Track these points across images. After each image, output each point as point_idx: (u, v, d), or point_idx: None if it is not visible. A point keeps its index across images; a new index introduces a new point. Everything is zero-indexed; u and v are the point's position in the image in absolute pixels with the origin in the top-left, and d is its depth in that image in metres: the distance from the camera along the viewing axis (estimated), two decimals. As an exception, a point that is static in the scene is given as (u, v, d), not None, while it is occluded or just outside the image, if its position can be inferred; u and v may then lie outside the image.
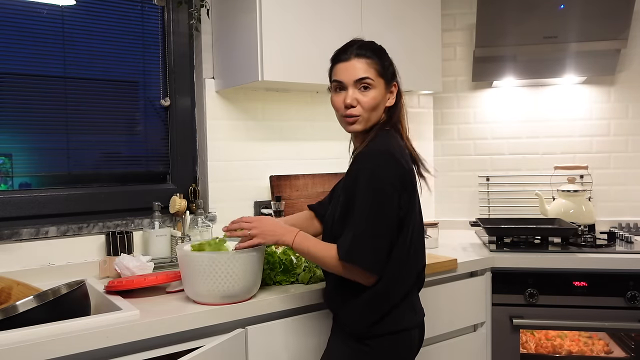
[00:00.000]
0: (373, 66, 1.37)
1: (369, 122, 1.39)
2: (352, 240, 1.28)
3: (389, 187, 1.28)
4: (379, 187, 1.28)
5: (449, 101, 2.77)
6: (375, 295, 1.33)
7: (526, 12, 2.41)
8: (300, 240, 1.37)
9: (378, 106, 1.38)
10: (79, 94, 1.96)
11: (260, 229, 1.39)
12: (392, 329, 1.35)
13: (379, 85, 1.37)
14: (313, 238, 1.39)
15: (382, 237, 1.29)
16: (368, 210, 1.28)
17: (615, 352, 2.15)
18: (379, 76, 1.37)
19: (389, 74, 1.40)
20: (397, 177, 1.30)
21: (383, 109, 1.41)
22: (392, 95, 1.42)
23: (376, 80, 1.36)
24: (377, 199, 1.28)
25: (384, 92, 1.39)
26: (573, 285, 2.01)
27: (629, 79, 2.57)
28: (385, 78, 1.39)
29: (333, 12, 2.06)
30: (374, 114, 1.39)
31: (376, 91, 1.37)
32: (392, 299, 1.34)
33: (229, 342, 1.40)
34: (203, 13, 2.13)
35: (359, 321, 1.35)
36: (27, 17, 1.85)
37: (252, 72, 1.92)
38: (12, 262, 1.74)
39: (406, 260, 1.35)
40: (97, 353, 1.25)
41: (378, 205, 1.28)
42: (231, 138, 2.20)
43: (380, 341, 1.35)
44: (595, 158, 2.61)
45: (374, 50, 1.39)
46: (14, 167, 1.87)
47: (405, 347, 1.38)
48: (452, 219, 2.74)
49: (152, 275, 1.58)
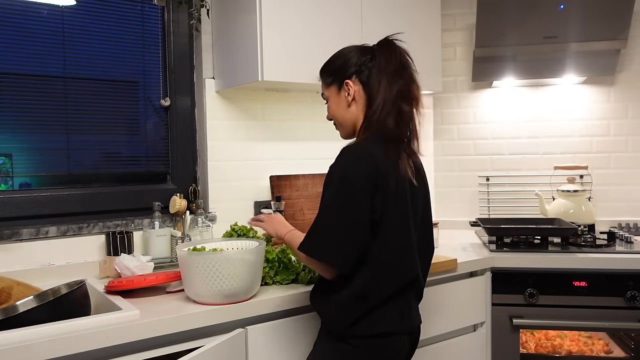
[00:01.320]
0: (323, 81, 1.48)
1: (344, 127, 1.46)
2: (311, 232, 1.32)
3: (357, 185, 1.28)
4: (346, 184, 1.28)
5: (449, 101, 2.77)
6: (351, 294, 1.32)
7: (526, 12, 2.41)
8: (291, 235, 1.44)
9: (337, 112, 1.45)
10: (79, 94, 1.96)
11: (268, 223, 1.52)
12: (371, 331, 1.33)
13: (331, 94, 1.46)
14: (300, 234, 1.41)
15: (344, 232, 1.28)
16: (331, 205, 1.31)
17: (615, 352, 2.15)
18: (328, 87, 1.46)
19: (337, 74, 1.42)
20: (367, 177, 1.28)
21: (346, 110, 1.42)
22: (351, 91, 1.39)
23: (327, 91, 1.47)
24: (342, 195, 1.29)
25: (337, 96, 1.44)
26: (573, 285, 2.02)
27: (629, 79, 2.57)
28: (334, 82, 1.43)
29: (333, 12, 2.06)
30: (340, 119, 1.45)
31: (331, 100, 1.46)
32: (371, 300, 1.32)
33: (229, 342, 1.40)
34: (203, 13, 2.13)
35: (338, 320, 1.35)
36: (27, 17, 1.85)
37: (252, 72, 1.92)
38: (12, 262, 1.74)
39: (388, 263, 1.32)
40: (97, 353, 1.25)
41: (343, 201, 1.29)
42: (231, 138, 2.20)
43: (361, 342, 1.33)
44: (595, 158, 2.61)
45: (323, 67, 1.48)
46: (14, 167, 1.87)
47: (391, 352, 1.35)
48: (452, 219, 2.74)
49: (152, 275, 1.58)
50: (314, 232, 1.33)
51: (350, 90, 1.40)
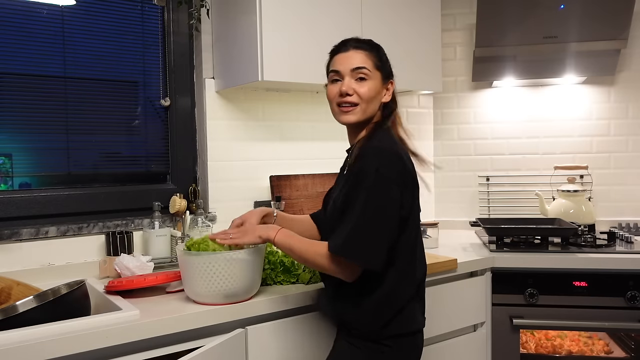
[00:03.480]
0: (371, 58, 1.39)
1: (365, 114, 1.39)
2: (349, 233, 1.27)
3: (392, 183, 1.28)
4: (382, 181, 1.28)
5: (449, 101, 2.77)
6: (384, 295, 1.32)
7: (526, 12, 2.41)
8: (283, 236, 1.37)
9: (374, 98, 1.39)
10: (79, 94, 1.96)
11: (241, 232, 1.42)
12: (407, 329, 1.36)
13: (375, 78, 1.39)
14: (297, 235, 1.38)
15: (380, 233, 1.28)
16: (368, 204, 1.27)
17: (615, 352, 2.15)
18: (375, 69, 1.39)
19: (386, 69, 1.42)
20: (400, 175, 1.30)
21: (379, 104, 1.42)
22: (389, 92, 1.43)
23: (373, 72, 1.38)
24: (379, 193, 1.27)
25: (380, 86, 1.41)
26: (573, 285, 2.01)
27: (629, 79, 2.57)
28: (382, 72, 1.41)
29: (333, 12, 2.06)
30: (370, 106, 1.39)
31: (373, 82, 1.38)
32: (403, 296, 1.34)
33: (229, 342, 1.40)
34: (203, 13, 2.13)
35: (372, 322, 1.34)
36: (27, 17, 1.85)
37: (252, 72, 1.92)
38: (12, 262, 1.74)
39: (411, 260, 1.36)
40: (97, 353, 1.25)
41: (379, 199, 1.27)
42: (231, 138, 2.20)
43: (395, 341, 1.34)
44: (595, 158, 2.61)
45: (372, 45, 1.42)
46: (14, 167, 1.87)
47: (419, 347, 1.41)
48: (452, 219, 2.74)
49: (152, 275, 1.58)
50: (347, 232, 1.27)
51: (389, 90, 1.43)
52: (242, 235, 1.41)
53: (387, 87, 1.43)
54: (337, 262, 1.29)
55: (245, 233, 1.41)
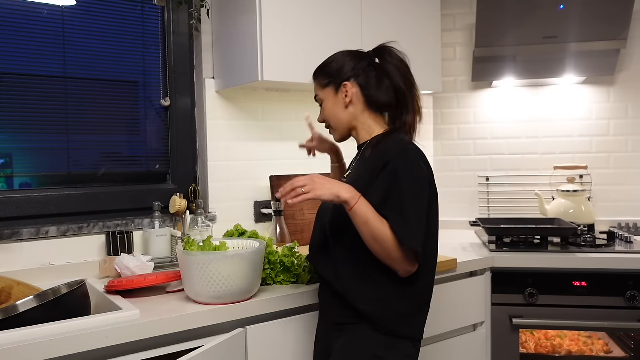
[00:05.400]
0: (317, 82, 1.48)
1: (339, 129, 1.47)
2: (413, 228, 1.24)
3: (428, 179, 1.33)
4: (421, 178, 1.30)
5: (449, 101, 2.77)
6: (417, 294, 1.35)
7: (526, 12, 2.41)
8: (364, 204, 1.25)
9: (332, 114, 1.45)
10: (79, 94, 1.96)
11: (318, 184, 1.27)
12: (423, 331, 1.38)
13: (325, 96, 1.46)
14: (372, 207, 1.27)
15: (423, 228, 1.28)
16: (416, 200, 1.27)
17: (615, 352, 2.16)
18: (322, 88, 1.46)
19: (335, 76, 1.43)
20: (429, 172, 1.34)
21: (344, 111, 1.43)
22: (349, 93, 1.41)
23: (322, 93, 1.47)
24: (420, 190, 1.30)
25: (333, 98, 1.44)
26: (573, 285, 2.02)
27: (628, 79, 2.57)
28: (331, 84, 1.44)
29: (333, 13, 2.06)
30: (335, 121, 1.46)
31: (326, 102, 1.46)
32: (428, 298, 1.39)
33: (229, 342, 1.40)
34: (203, 13, 2.13)
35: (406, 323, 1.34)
36: (27, 17, 1.85)
37: (252, 72, 1.92)
38: (12, 262, 1.74)
39: (433, 258, 1.40)
40: (97, 353, 1.25)
41: (422, 196, 1.30)
42: (231, 138, 2.21)
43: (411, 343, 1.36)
44: (595, 158, 2.61)
45: (319, 69, 1.48)
46: (14, 167, 1.87)
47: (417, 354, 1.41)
48: (452, 219, 2.74)
49: (152, 275, 1.58)
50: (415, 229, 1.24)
51: (348, 92, 1.41)
52: (314, 189, 1.26)
53: (343, 92, 1.42)
54: (407, 253, 1.25)
55: (318, 186, 1.26)
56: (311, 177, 1.29)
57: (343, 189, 1.26)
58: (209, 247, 1.44)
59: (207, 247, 1.44)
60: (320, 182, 1.28)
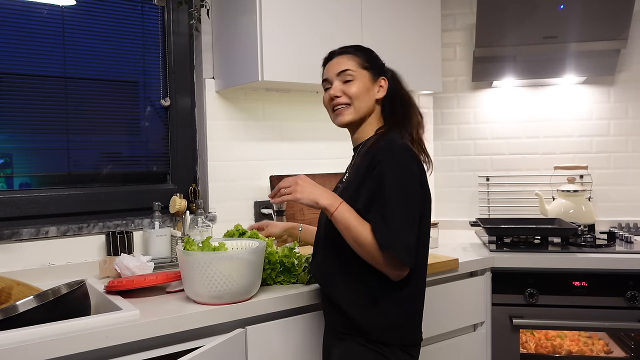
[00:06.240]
0: (354, 59, 1.42)
1: (359, 112, 1.41)
2: (394, 231, 1.22)
3: (419, 180, 1.30)
4: (409, 179, 1.28)
5: (449, 101, 2.77)
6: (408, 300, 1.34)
7: (526, 12, 2.41)
8: (345, 209, 1.26)
9: (364, 95, 1.40)
10: (79, 94, 1.96)
11: (300, 187, 1.30)
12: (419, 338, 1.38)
13: (362, 76, 1.41)
14: (354, 212, 1.28)
15: (414, 230, 1.26)
16: (403, 202, 1.25)
17: (615, 352, 2.15)
18: (360, 68, 1.41)
19: (375, 66, 1.44)
20: (422, 173, 1.32)
21: (372, 101, 1.43)
22: (382, 89, 1.43)
23: (357, 71, 1.41)
24: (408, 191, 1.27)
25: (369, 83, 1.42)
26: (573, 285, 2.02)
27: (628, 79, 2.57)
28: (371, 70, 1.43)
29: (333, 13, 2.06)
30: (363, 104, 1.40)
31: (360, 81, 1.40)
32: (421, 304, 1.38)
33: (229, 342, 1.40)
34: (203, 13, 2.13)
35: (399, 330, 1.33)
36: (27, 17, 1.85)
37: (252, 72, 1.92)
38: (12, 262, 1.74)
39: (424, 263, 1.38)
40: (97, 353, 1.25)
41: (410, 198, 1.27)
42: (231, 138, 2.20)
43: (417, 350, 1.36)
44: (595, 158, 2.61)
45: (357, 47, 1.46)
46: (14, 167, 1.87)
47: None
48: (452, 219, 2.74)
49: (152, 275, 1.58)
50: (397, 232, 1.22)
51: (383, 86, 1.43)
52: (295, 191, 1.29)
53: (379, 84, 1.44)
54: (387, 256, 1.24)
55: (300, 189, 1.29)
56: (296, 179, 1.32)
57: (323, 195, 1.28)
58: (208, 247, 1.44)
59: (206, 247, 1.44)
60: (303, 185, 1.30)
